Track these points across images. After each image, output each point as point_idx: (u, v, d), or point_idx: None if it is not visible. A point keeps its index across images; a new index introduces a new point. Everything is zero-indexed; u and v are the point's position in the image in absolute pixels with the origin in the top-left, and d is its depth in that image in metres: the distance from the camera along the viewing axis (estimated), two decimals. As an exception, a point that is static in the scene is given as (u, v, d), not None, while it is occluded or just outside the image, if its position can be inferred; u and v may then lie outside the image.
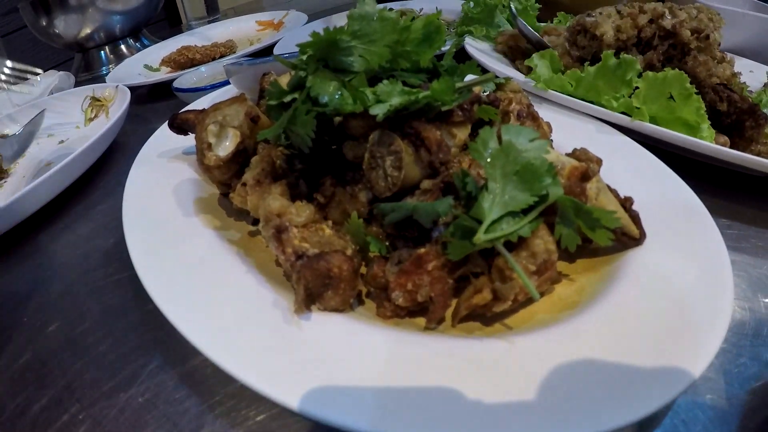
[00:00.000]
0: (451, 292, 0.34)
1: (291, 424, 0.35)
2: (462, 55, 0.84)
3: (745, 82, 0.81)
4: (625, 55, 0.65)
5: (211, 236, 0.44)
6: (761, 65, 0.99)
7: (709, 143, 0.58)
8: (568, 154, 0.45)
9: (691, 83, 0.63)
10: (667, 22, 0.67)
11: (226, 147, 0.44)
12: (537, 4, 1.15)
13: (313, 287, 0.34)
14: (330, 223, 0.39)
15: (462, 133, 0.41)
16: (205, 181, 0.53)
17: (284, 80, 0.49)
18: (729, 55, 0.76)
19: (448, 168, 0.37)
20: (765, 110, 0.83)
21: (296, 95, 0.38)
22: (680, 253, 0.41)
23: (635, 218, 0.41)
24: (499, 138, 0.34)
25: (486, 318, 0.36)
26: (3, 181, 0.84)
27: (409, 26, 0.40)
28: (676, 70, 0.61)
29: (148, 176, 0.55)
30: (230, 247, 0.43)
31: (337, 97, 0.36)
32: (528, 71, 0.74)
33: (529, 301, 0.38)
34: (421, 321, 0.36)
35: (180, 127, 0.55)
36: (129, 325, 0.46)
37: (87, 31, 1.41)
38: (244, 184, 0.41)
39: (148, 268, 0.40)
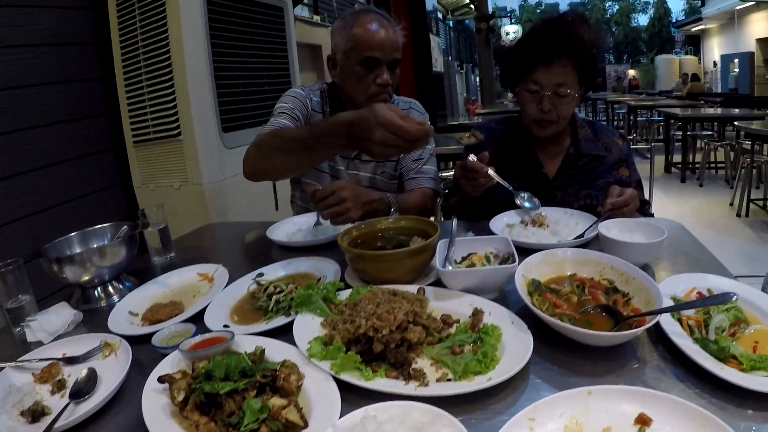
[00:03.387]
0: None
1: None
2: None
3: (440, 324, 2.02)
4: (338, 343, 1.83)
5: (172, 422, 1.56)
6: (479, 299, 1.89)
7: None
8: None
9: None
10: (365, 329, 1.86)
11: (181, 397, 1.57)
12: (341, 282, 2.32)
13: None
14: (213, 423, 1.52)
15: (252, 394, 1.56)
16: (173, 404, 1.64)
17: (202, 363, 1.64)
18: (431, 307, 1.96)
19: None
20: (460, 339, 2.01)
21: (198, 385, 1.54)
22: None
23: (302, 415, 1.55)
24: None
25: None
26: (62, 392, 1.90)
27: (231, 364, 1.57)
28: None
29: (151, 399, 1.65)
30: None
31: (208, 387, 1.51)
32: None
33: None
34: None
35: (163, 381, 1.67)
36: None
37: (86, 277, 2.42)
38: (188, 409, 1.54)
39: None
